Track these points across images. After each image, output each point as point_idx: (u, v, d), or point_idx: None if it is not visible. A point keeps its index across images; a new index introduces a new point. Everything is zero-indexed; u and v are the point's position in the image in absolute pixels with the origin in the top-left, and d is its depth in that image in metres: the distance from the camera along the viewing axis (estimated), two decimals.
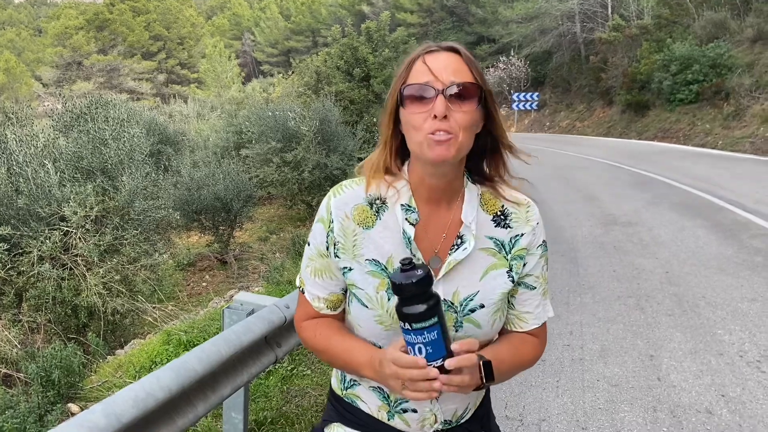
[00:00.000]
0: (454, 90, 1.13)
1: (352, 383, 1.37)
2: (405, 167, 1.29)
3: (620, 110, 27.29)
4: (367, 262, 1.24)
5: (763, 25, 21.54)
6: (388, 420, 1.32)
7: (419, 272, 1.06)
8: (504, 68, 37.86)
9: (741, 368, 3.85)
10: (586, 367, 4.00)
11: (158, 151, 12.14)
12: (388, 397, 1.30)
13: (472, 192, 1.29)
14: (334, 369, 1.44)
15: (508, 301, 1.34)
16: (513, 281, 1.30)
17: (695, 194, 10.35)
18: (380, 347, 1.26)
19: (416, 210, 1.25)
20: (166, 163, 11.34)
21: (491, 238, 1.29)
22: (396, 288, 1.07)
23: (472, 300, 1.25)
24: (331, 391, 1.45)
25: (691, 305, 5.05)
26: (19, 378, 4.73)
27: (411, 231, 1.23)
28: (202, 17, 74.11)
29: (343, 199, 1.26)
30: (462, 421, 1.35)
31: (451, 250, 1.25)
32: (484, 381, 1.14)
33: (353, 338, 1.28)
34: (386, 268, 1.23)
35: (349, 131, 13.59)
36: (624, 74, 26.24)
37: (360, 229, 1.24)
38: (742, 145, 17.26)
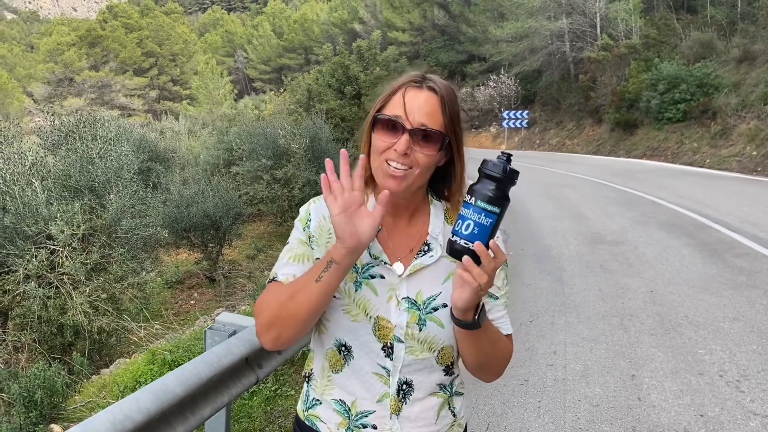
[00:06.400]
0: (419, 133, 1.23)
1: (313, 403, 1.40)
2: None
3: (609, 128, 27.55)
4: None
5: (748, 45, 21.88)
6: None
7: (515, 169, 1.14)
8: (494, 86, 38.16)
9: (720, 388, 3.89)
10: (568, 387, 4.02)
11: (148, 169, 12.15)
12: (349, 410, 1.33)
13: (437, 208, 1.39)
14: (301, 393, 1.47)
15: None
16: None
17: (682, 213, 10.44)
18: (346, 343, 1.32)
19: None
20: (156, 180, 11.34)
21: None
22: (488, 164, 1.14)
23: (434, 300, 1.31)
24: (296, 419, 1.47)
25: (673, 325, 5.10)
26: (1, 398, 4.70)
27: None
28: (194, 34, 74.32)
29: (323, 205, 1.36)
30: None
31: (417, 255, 1.33)
32: (477, 317, 1.20)
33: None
34: (356, 264, 1.29)
35: (340, 149, 13.65)
36: (613, 93, 26.52)
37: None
38: (729, 164, 17.46)
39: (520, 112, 36.09)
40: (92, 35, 56.30)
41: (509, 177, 1.13)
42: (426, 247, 1.34)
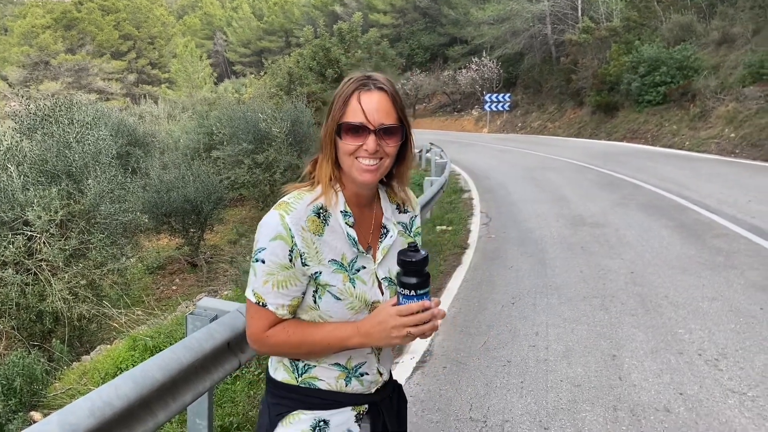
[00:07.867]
0: (382, 131, 1.44)
1: (306, 368, 1.54)
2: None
3: (590, 111, 27.67)
4: (329, 263, 1.48)
5: (728, 28, 22.02)
6: (346, 386, 1.54)
7: (423, 252, 1.37)
8: (476, 69, 38.13)
9: (699, 366, 3.95)
10: (550, 368, 4.06)
11: (127, 153, 11.99)
12: (347, 367, 1.54)
13: (382, 191, 1.63)
14: (281, 365, 1.57)
15: None
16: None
17: (661, 195, 10.55)
18: None
19: (351, 214, 1.53)
20: (135, 165, 11.21)
21: (399, 223, 1.65)
22: (409, 264, 1.35)
23: None
24: (281, 386, 1.57)
25: (654, 305, 5.16)
26: None
27: (353, 233, 1.52)
28: (172, 16, 73.25)
29: (296, 215, 1.47)
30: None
31: (380, 239, 1.58)
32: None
33: (325, 324, 1.49)
34: (342, 264, 1.50)
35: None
36: (594, 75, 26.61)
37: (315, 237, 1.47)
38: (707, 146, 17.64)
39: (502, 95, 36.15)
40: (68, 17, 55.25)
41: (428, 259, 1.37)
42: (384, 230, 1.60)
